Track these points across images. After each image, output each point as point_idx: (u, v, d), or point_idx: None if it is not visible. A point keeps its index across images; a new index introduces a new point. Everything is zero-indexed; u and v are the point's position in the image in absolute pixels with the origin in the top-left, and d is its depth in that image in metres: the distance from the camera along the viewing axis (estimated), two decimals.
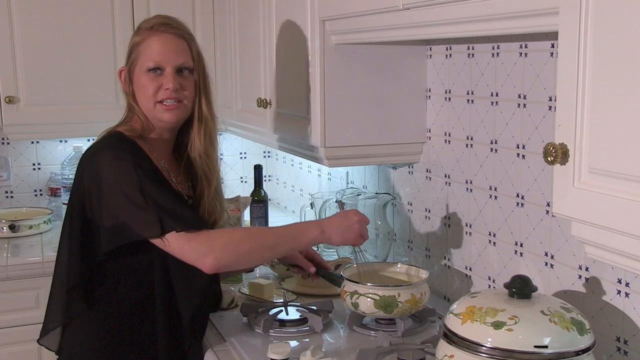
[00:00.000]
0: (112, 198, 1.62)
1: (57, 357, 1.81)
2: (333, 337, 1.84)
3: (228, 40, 2.84)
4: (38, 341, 1.77)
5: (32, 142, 3.19)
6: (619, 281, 1.47)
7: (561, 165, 1.07)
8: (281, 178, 3.46)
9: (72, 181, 2.87)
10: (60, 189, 3.08)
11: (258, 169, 2.85)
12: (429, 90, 2.12)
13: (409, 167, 2.25)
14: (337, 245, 1.88)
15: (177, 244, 1.61)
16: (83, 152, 1.77)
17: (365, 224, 1.82)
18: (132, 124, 1.77)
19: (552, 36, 1.55)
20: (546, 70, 1.64)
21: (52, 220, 2.99)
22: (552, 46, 1.61)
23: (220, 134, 2.97)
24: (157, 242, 1.62)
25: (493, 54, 1.82)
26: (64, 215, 1.79)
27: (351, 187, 2.62)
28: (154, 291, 1.70)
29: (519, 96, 1.73)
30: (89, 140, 3.20)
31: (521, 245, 1.77)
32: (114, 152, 1.66)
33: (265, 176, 3.34)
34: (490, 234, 1.88)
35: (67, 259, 1.70)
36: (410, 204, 2.26)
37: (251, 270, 2.25)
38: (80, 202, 1.67)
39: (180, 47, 1.75)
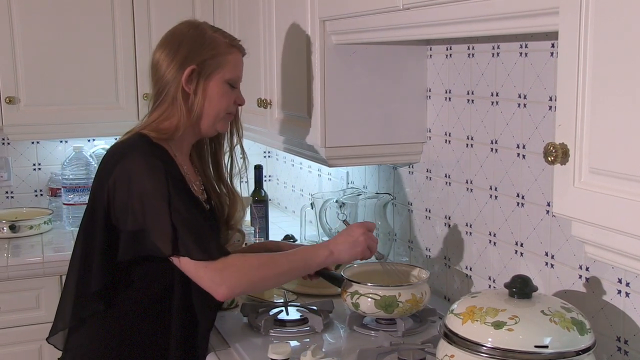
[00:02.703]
0: (139, 205, 1.59)
1: (60, 357, 1.81)
2: (333, 337, 1.84)
3: None
4: (47, 340, 1.78)
5: (32, 143, 3.19)
6: (620, 281, 1.47)
7: (561, 165, 1.07)
8: (281, 178, 3.46)
9: (81, 181, 2.95)
10: (60, 189, 3.08)
11: (258, 169, 2.85)
12: (429, 90, 2.12)
13: (409, 167, 2.25)
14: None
15: (193, 268, 1.61)
16: (107, 152, 1.74)
17: (370, 233, 1.82)
18: (165, 123, 1.73)
19: (552, 36, 1.55)
20: (546, 70, 1.64)
21: (53, 220, 2.99)
22: (552, 46, 1.61)
23: None
24: (172, 259, 1.61)
25: (493, 54, 1.82)
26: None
27: (351, 187, 2.62)
28: (171, 296, 1.69)
29: (519, 96, 1.73)
30: (89, 140, 3.21)
31: (521, 245, 1.77)
32: (147, 159, 1.63)
33: (265, 176, 3.34)
34: (490, 234, 1.88)
35: (87, 261, 1.67)
36: (411, 204, 2.26)
37: None
38: (104, 204, 1.63)
39: None
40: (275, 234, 2.86)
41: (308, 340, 1.80)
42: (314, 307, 1.95)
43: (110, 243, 1.64)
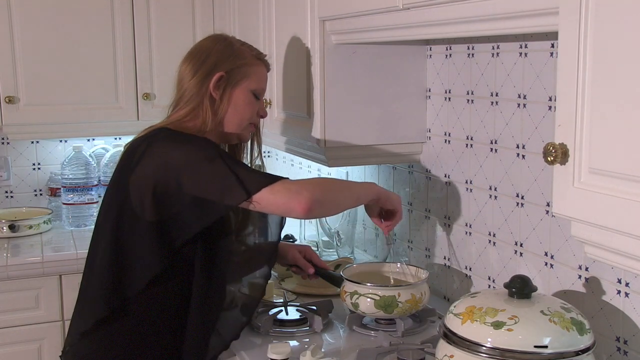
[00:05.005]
0: (189, 176, 1.59)
1: (61, 356, 1.81)
2: (333, 337, 1.84)
3: None
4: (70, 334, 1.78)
5: (32, 142, 3.19)
6: (619, 281, 1.47)
7: (561, 165, 1.07)
8: None
9: (80, 181, 2.95)
10: (60, 189, 3.07)
11: (258, 169, 2.85)
12: (429, 90, 2.12)
13: (409, 167, 2.25)
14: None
15: (269, 193, 1.59)
16: (128, 146, 1.74)
17: None
18: (189, 123, 1.75)
19: (552, 36, 1.55)
20: (546, 70, 1.64)
21: (52, 220, 2.99)
22: (552, 46, 1.61)
23: None
24: (244, 204, 1.61)
25: (493, 54, 1.82)
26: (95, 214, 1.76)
27: None
28: (186, 292, 1.70)
29: (519, 96, 1.73)
30: (88, 140, 3.21)
31: (521, 245, 1.77)
32: (180, 139, 1.67)
33: None
34: (490, 234, 1.89)
35: (131, 251, 1.66)
36: (410, 204, 2.26)
37: None
38: (133, 197, 1.63)
39: None
40: None
41: (307, 340, 1.80)
42: (314, 307, 1.95)
43: (155, 232, 1.64)
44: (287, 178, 1.65)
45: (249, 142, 1.93)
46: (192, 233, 1.65)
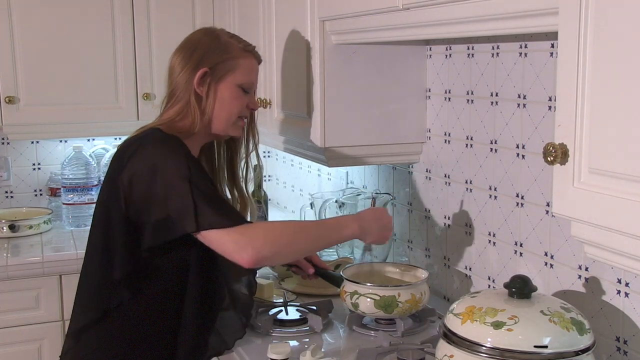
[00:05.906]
0: (162, 192, 1.59)
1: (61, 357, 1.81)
2: (333, 337, 1.84)
3: None
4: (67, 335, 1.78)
5: (32, 142, 3.19)
6: (619, 281, 1.47)
7: (561, 165, 1.07)
8: (281, 178, 3.47)
9: (80, 181, 2.96)
10: (60, 189, 3.07)
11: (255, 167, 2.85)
12: (429, 90, 2.12)
13: (409, 167, 2.25)
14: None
15: (217, 237, 1.58)
16: (119, 147, 1.74)
17: None
18: (179, 123, 1.74)
19: (552, 36, 1.55)
20: (546, 70, 1.64)
21: (52, 220, 2.99)
22: (552, 46, 1.61)
23: None
24: (197, 235, 1.61)
25: (493, 54, 1.82)
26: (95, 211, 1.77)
27: (351, 187, 2.62)
28: (184, 292, 1.69)
29: (519, 96, 1.73)
30: (88, 140, 3.21)
31: (521, 245, 1.77)
32: (163, 145, 1.65)
33: (265, 176, 3.34)
34: (490, 234, 1.89)
35: (110, 254, 1.67)
36: (410, 204, 2.26)
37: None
38: (121, 197, 1.63)
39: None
40: None
41: (307, 340, 1.80)
42: (314, 307, 1.95)
43: (129, 234, 1.64)
44: (250, 222, 1.63)
45: (245, 137, 1.91)
46: (154, 243, 1.63)
